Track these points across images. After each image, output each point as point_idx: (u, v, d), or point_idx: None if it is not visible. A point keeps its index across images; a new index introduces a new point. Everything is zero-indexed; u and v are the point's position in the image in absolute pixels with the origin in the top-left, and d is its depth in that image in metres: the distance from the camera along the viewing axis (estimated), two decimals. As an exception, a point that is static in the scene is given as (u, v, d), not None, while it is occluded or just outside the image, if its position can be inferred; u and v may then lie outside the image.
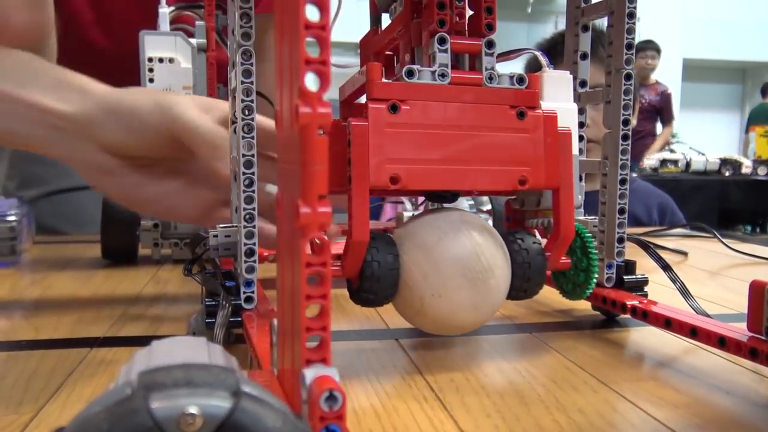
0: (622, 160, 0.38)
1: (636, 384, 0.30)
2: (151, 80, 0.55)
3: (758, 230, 3.43)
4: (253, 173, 0.33)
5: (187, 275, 0.36)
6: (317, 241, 0.17)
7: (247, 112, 0.33)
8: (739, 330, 0.30)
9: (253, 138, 0.33)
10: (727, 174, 3.23)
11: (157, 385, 0.14)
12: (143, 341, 0.21)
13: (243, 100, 0.33)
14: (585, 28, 0.42)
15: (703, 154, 3.30)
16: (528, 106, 0.31)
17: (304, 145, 0.16)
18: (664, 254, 0.46)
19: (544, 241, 0.34)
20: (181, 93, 0.56)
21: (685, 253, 0.67)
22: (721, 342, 0.30)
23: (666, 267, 0.41)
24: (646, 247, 0.44)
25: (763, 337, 0.28)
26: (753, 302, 0.28)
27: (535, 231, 0.36)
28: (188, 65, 0.57)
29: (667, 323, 0.34)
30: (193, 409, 0.14)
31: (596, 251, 0.35)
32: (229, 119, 0.36)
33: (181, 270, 0.42)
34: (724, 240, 0.71)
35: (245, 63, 0.33)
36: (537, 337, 0.37)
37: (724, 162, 3.27)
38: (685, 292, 0.38)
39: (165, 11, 0.57)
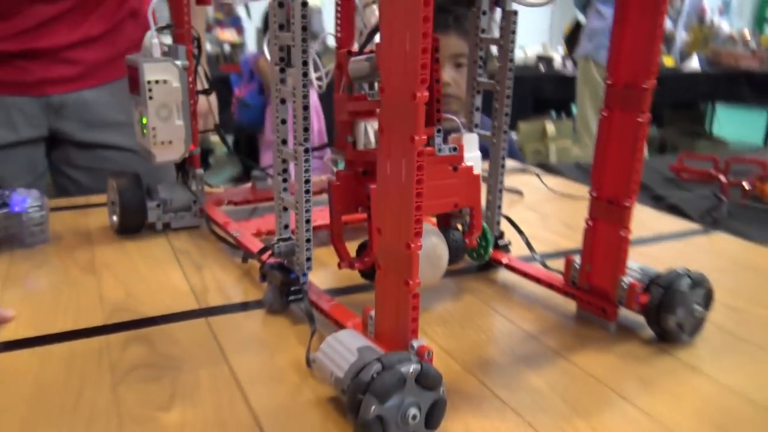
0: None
1: (505, 302, 0.60)
2: (151, 98, 0.72)
3: (563, 115, 4.03)
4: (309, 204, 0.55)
5: (262, 281, 0.59)
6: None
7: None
8: (558, 279, 0.60)
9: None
10: (542, 69, 3.72)
11: (390, 357, 0.39)
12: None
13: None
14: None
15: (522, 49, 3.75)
16: (458, 163, 0.57)
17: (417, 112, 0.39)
18: (505, 194, 0.74)
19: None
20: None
21: (520, 192, 0.98)
22: (550, 286, 0.60)
23: (518, 231, 0.70)
24: (510, 221, 0.72)
25: (570, 287, 0.58)
26: (566, 268, 0.58)
27: (458, 226, 0.62)
28: (178, 84, 0.73)
29: (522, 273, 0.63)
30: (415, 367, 0.39)
31: (491, 235, 0.63)
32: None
33: (188, 236, 0.63)
34: (543, 181, 1.03)
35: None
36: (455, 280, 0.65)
37: (540, 58, 3.76)
38: (530, 247, 0.68)
39: (156, 42, 0.72)
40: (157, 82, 0.72)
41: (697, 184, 1.11)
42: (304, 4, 0.51)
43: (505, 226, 0.69)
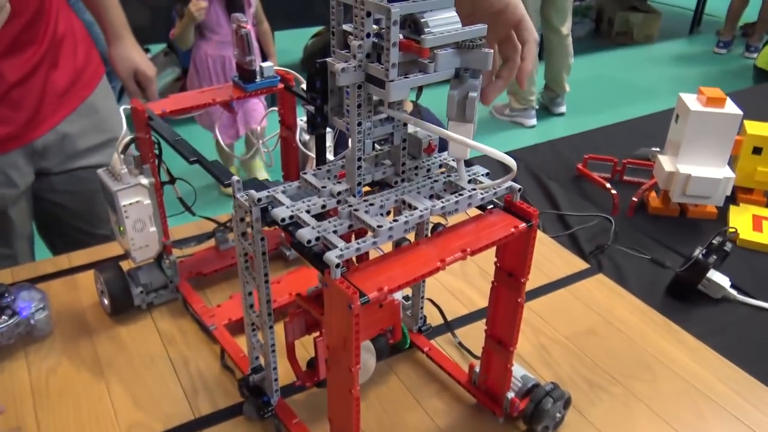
0: (421, 286, 0.83)
1: (423, 389, 0.81)
2: (127, 217, 0.84)
3: None
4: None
5: (242, 395, 0.76)
6: None
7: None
8: (464, 375, 0.80)
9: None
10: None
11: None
12: None
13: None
14: None
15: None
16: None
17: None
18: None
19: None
20: (147, 221, 0.86)
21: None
22: (458, 382, 0.80)
23: (443, 317, 0.89)
24: (434, 304, 0.90)
25: (472, 386, 0.78)
26: (469, 373, 0.78)
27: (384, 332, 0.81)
28: (148, 201, 0.86)
29: (438, 365, 0.83)
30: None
31: (408, 334, 0.82)
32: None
33: (169, 314, 0.81)
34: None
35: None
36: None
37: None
38: (451, 332, 0.87)
39: (125, 171, 0.83)
40: (131, 204, 0.84)
41: (597, 190, 1.29)
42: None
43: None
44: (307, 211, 0.59)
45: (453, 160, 0.67)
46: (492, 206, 0.65)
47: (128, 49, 1.20)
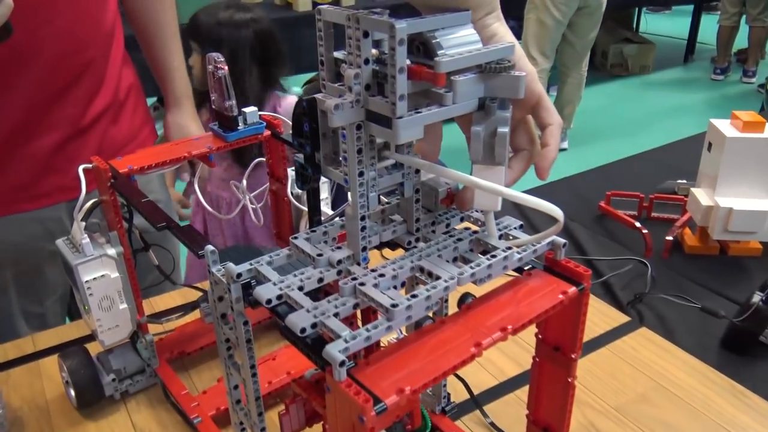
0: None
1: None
2: (91, 294, 0.72)
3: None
4: None
5: None
6: None
7: None
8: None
9: None
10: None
11: None
12: None
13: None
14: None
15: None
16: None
17: None
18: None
19: None
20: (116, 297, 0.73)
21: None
22: None
23: (472, 398, 0.75)
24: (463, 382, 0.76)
25: None
26: None
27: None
28: (116, 274, 0.73)
29: None
30: None
31: (429, 420, 0.68)
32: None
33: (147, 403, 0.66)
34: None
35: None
36: None
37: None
38: (482, 413, 0.73)
39: (86, 241, 0.71)
40: (95, 279, 0.71)
41: (624, 229, 1.17)
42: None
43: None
44: (300, 288, 0.47)
45: (479, 212, 0.55)
46: (530, 266, 0.53)
47: (186, 118, 1.13)
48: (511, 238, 0.53)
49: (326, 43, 0.46)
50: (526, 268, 0.52)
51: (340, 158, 0.47)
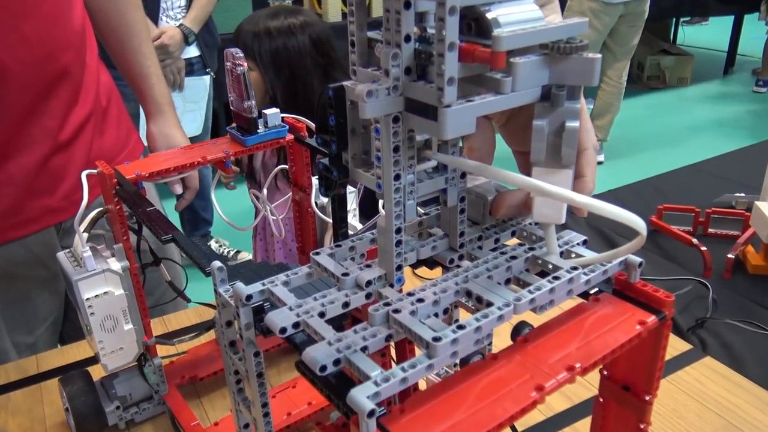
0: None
1: None
2: (92, 313, 0.65)
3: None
4: None
5: None
6: None
7: None
8: None
9: None
10: None
11: None
12: None
13: None
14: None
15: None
16: None
17: None
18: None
19: None
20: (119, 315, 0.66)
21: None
22: None
23: None
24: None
25: None
26: None
27: None
28: (121, 291, 0.66)
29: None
30: None
31: None
32: None
33: None
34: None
35: None
36: None
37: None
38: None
39: (88, 254, 0.64)
40: (97, 296, 0.64)
41: (679, 246, 1.07)
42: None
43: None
44: (321, 314, 0.38)
45: (536, 225, 0.46)
46: (596, 290, 0.44)
47: (170, 126, 1.05)
48: (573, 255, 0.44)
49: (358, 19, 0.38)
50: (591, 291, 0.44)
51: (373, 159, 0.39)
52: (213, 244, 2.49)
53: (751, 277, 1.00)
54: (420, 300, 0.38)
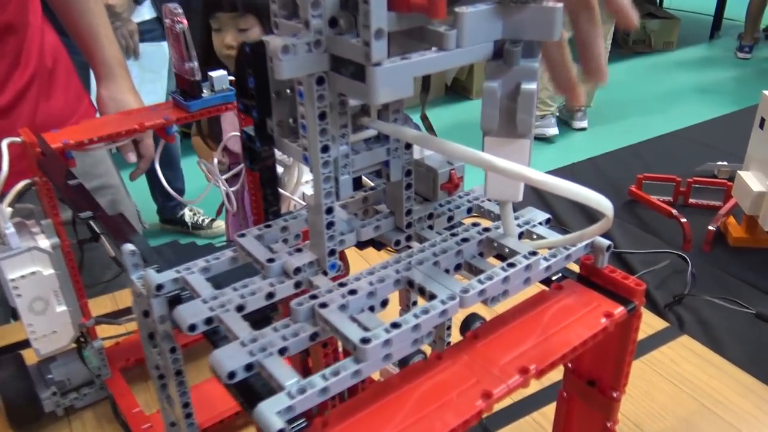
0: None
1: None
2: (19, 295, 0.59)
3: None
4: None
5: None
6: None
7: None
8: None
9: None
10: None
11: None
12: None
13: None
14: None
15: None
16: None
17: None
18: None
19: None
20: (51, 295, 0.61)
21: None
22: None
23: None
24: None
25: None
26: None
27: None
28: (51, 271, 0.60)
29: None
30: None
31: None
32: None
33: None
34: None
35: None
36: None
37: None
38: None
39: (11, 231, 0.58)
40: (23, 277, 0.59)
41: (658, 217, 1.02)
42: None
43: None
44: (240, 308, 0.33)
45: (492, 202, 0.41)
46: (559, 276, 0.39)
47: (122, 90, 0.96)
48: (534, 237, 0.39)
49: (276, -39, 0.32)
50: (554, 278, 0.39)
51: (299, 126, 0.33)
52: (187, 213, 2.42)
53: (732, 250, 0.95)
54: (352, 292, 0.33)
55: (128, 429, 0.64)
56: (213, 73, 0.65)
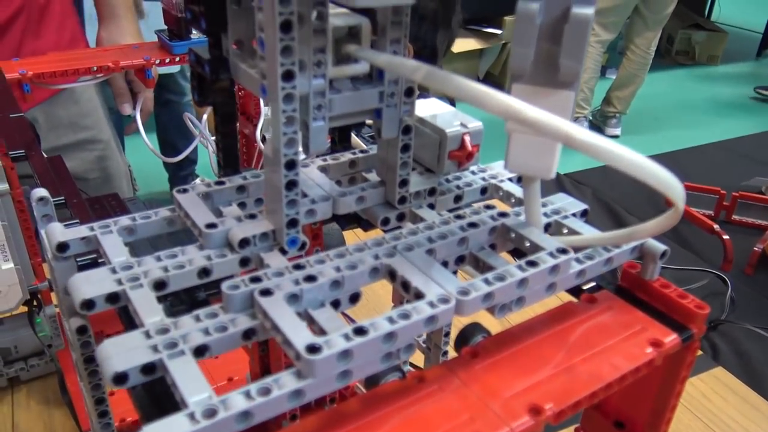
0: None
1: None
2: (-44, 246, 0.51)
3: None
4: None
5: None
6: None
7: None
8: None
9: None
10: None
11: None
12: None
13: None
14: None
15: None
16: None
17: None
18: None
19: None
20: None
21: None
22: None
23: None
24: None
25: None
26: None
27: None
28: (-4, 221, 0.52)
29: None
30: None
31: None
32: None
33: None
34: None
35: None
36: None
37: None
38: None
39: (-48, 169, 0.50)
40: (-39, 226, 0.51)
41: (697, 232, 0.92)
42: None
43: None
44: (159, 285, 0.24)
45: (514, 180, 0.32)
46: (592, 286, 0.30)
47: (123, 34, 0.87)
48: (566, 231, 0.30)
49: None
50: (585, 287, 0.30)
51: (258, 46, 0.24)
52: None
53: (777, 275, 0.85)
54: (310, 278, 0.24)
55: (73, 409, 0.56)
56: (207, 14, 0.57)
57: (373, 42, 0.26)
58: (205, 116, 0.65)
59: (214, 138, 0.53)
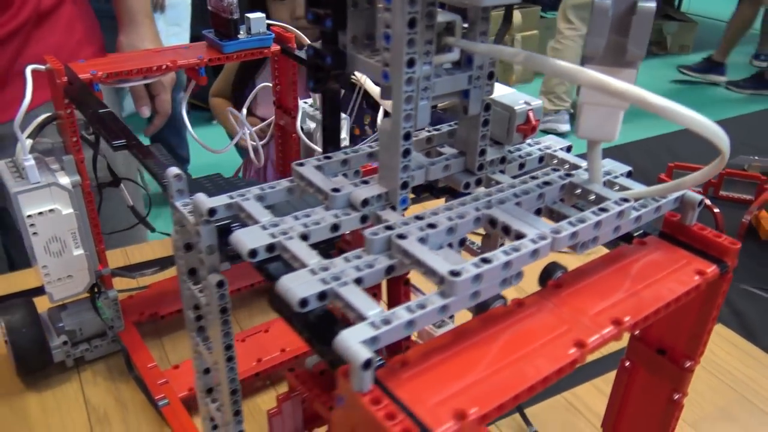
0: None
1: None
2: (35, 233, 0.56)
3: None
4: None
5: None
6: None
7: None
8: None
9: None
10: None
11: None
12: None
13: None
14: None
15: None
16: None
17: None
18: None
19: None
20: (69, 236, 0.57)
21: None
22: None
23: None
24: None
25: None
26: None
27: None
28: (70, 210, 0.57)
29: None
30: None
31: None
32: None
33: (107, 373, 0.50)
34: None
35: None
36: None
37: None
38: None
39: (31, 163, 0.54)
40: (40, 213, 0.55)
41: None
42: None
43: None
44: (304, 237, 0.30)
45: (568, 151, 0.38)
46: (640, 232, 0.36)
47: (142, 39, 0.91)
48: (617, 188, 0.36)
49: None
50: (635, 233, 0.36)
51: (378, 40, 0.30)
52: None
53: (764, 243, 0.93)
54: (431, 225, 0.29)
55: (143, 383, 0.61)
56: (250, 15, 0.62)
57: (465, 32, 0.32)
58: (244, 111, 0.69)
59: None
